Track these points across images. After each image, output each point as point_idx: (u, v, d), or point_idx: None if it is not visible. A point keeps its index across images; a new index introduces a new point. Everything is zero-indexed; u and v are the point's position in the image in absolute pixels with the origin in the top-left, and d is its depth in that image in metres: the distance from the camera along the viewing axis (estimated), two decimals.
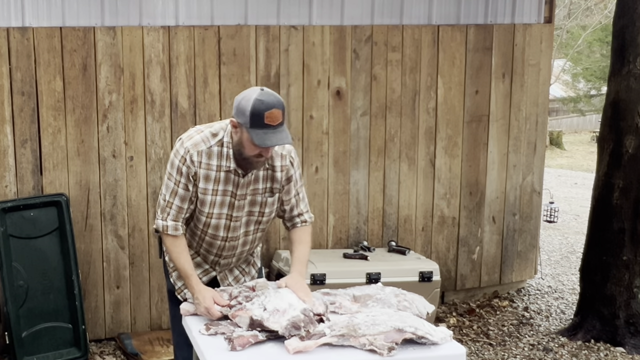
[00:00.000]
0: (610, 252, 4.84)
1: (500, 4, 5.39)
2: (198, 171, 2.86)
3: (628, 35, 4.69)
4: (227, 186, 2.90)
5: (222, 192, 2.90)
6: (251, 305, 2.71)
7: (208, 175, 2.87)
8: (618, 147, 4.77)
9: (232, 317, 2.71)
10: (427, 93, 5.22)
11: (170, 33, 4.58)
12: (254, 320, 2.63)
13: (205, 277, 3.13)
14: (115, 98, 4.53)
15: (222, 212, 2.94)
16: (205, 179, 2.88)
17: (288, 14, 4.84)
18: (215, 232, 2.99)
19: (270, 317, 2.62)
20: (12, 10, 4.31)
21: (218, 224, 2.96)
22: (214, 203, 2.91)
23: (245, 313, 2.68)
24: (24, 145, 4.40)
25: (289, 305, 2.67)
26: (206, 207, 2.92)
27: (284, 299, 2.71)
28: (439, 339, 2.58)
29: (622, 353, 4.72)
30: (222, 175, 2.88)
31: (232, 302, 2.81)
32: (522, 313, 5.48)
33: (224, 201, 2.92)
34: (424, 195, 5.33)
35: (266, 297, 2.74)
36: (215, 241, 3.01)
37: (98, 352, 4.59)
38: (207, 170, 2.87)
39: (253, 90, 2.75)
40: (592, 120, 24.74)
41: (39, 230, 4.36)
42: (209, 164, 2.86)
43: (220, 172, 2.87)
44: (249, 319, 2.65)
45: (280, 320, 2.61)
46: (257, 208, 2.98)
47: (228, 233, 2.99)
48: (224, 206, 2.93)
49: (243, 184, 2.91)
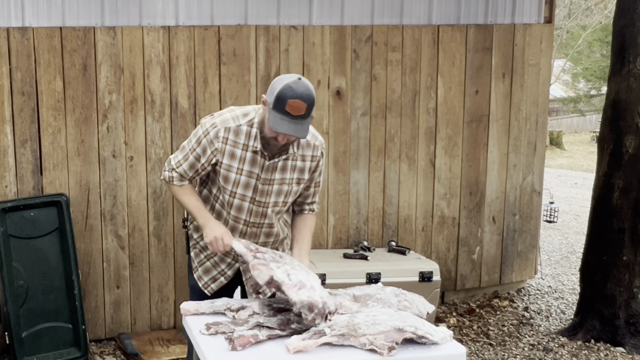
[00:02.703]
0: (610, 252, 4.84)
1: (500, 4, 5.39)
2: (224, 147, 2.91)
3: (628, 35, 4.69)
4: (253, 168, 2.93)
5: (247, 172, 2.94)
6: (276, 266, 2.71)
7: (233, 152, 2.91)
8: (618, 147, 4.77)
9: (252, 268, 2.69)
10: (427, 93, 5.22)
11: (170, 33, 4.58)
12: (274, 280, 2.63)
13: (230, 270, 3.19)
14: (115, 98, 4.53)
15: (246, 195, 2.98)
16: (231, 156, 2.92)
17: (288, 14, 4.84)
18: (238, 214, 3.03)
19: (290, 286, 2.63)
20: (12, 10, 4.31)
21: (241, 206, 3.00)
22: (238, 182, 2.95)
23: (268, 270, 2.67)
24: (24, 145, 4.40)
25: (311, 286, 2.69)
26: (229, 185, 2.97)
27: (309, 278, 2.72)
28: (439, 339, 2.58)
29: (622, 353, 4.72)
30: (249, 156, 2.92)
31: (258, 255, 2.78)
32: (522, 313, 5.48)
33: (249, 183, 2.96)
34: (424, 195, 5.33)
35: (293, 268, 2.75)
36: (237, 224, 3.06)
37: (98, 352, 4.59)
38: (233, 147, 2.91)
39: (292, 76, 2.78)
40: (592, 120, 24.74)
41: (39, 230, 4.36)
42: (235, 142, 2.90)
43: (246, 152, 2.91)
44: (269, 277, 2.65)
45: (300, 294, 2.62)
46: (282, 198, 3.02)
47: (251, 217, 3.04)
48: (249, 188, 2.97)
49: (268, 168, 2.94)
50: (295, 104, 2.68)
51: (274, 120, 2.72)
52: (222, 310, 2.86)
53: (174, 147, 4.64)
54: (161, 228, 4.72)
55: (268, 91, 2.79)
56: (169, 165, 3.08)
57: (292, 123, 2.71)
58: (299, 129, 2.73)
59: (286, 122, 2.71)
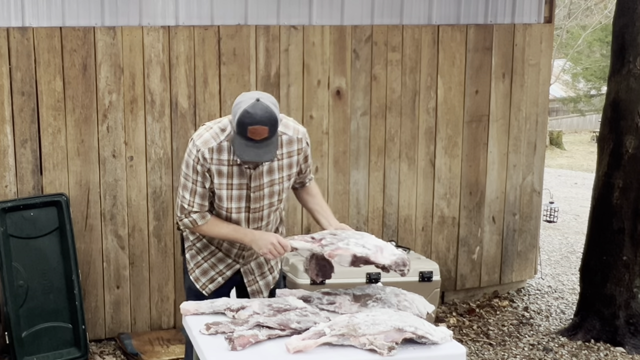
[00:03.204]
0: (610, 252, 4.84)
1: (500, 4, 5.39)
2: (211, 167, 2.91)
3: (628, 35, 4.69)
4: (242, 179, 2.96)
5: (237, 185, 2.97)
6: (346, 245, 2.72)
7: (220, 170, 2.93)
8: (618, 147, 4.77)
9: (330, 257, 2.69)
10: (427, 93, 5.22)
11: (170, 33, 4.58)
12: (359, 257, 2.65)
13: (229, 270, 3.20)
14: (115, 98, 4.53)
15: (240, 206, 3.01)
16: (219, 174, 2.93)
17: (288, 14, 4.84)
18: (236, 225, 3.05)
19: (374, 253, 2.65)
20: (12, 10, 4.31)
21: (238, 218, 3.04)
22: (231, 197, 2.98)
23: (346, 252, 2.68)
24: (24, 145, 4.40)
25: (384, 244, 2.76)
26: (224, 202, 2.99)
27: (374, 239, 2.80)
28: (439, 339, 2.58)
29: (622, 353, 4.72)
30: (235, 170, 2.94)
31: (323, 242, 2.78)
32: (522, 313, 5.48)
33: (241, 195, 2.99)
34: (424, 195, 5.33)
35: (357, 238, 2.77)
36: None
37: (98, 352, 4.59)
38: (218, 165, 2.92)
39: (250, 98, 2.75)
40: (592, 120, 24.72)
41: (39, 230, 4.36)
42: (220, 159, 2.91)
43: (232, 167, 2.93)
44: (351, 256, 2.66)
45: (386, 256, 2.69)
46: (276, 197, 3.06)
47: (249, 225, 3.06)
48: (242, 200, 3.00)
49: (256, 176, 2.97)
50: (255, 130, 2.68)
51: (239, 147, 2.74)
52: (222, 310, 2.86)
53: (174, 147, 4.65)
54: (161, 228, 4.72)
55: (232, 113, 2.80)
56: (183, 211, 3.01)
57: (257, 147, 2.72)
58: (265, 152, 2.74)
59: (251, 147, 2.72)
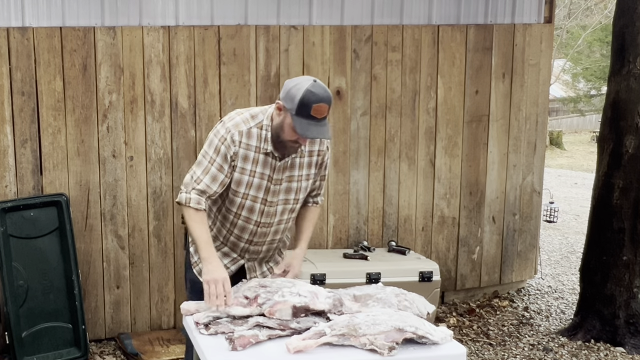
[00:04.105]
0: (610, 252, 4.84)
1: (500, 4, 5.39)
2: (238, 151, 2.91)
3: (628, 35, 4.69)
4: (265, 169, 2.96)
5: (259, 174, 2.96)
6: (282, 297, 2.72)
7: (247, 155, 2.93)
8: (618, 147, 4.78)
9: (271, 314, 2.70)
10: (427, 93, 5.22)
11: (170, 33, 4.58)
12: (298, 307, 2.66)
13: (234, 265, 3.18)
14: (115, 98, 4.53)
15: (258, 196, 2.99)
16: (244, 159, 2.93)
17: (288, 14, 4.84)
18: (249, 215, 3.03)
19: (312, 300, 2.67)
20: (12, 10, 4.31)
21: (253, 207, 3.01)
22: (251, 184, 2.97)
23: (284, 305, 2.68)
24: (24, 145, 4.40)
25: (316, 288, 2.78)
26: (242, 188, 2.97)
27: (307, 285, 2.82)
28: (439, 339, 2.58)
29: (622, 353, 4.72)
30: (261, 158, 2.94)
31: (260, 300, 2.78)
32: (522, 313, 5.48)
33: (261, 185, 2.98)
34: (424, 195, 5.33)
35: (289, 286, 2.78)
36: (248, 225, 3.06)
37: (98, 352, 4.59)
38: (246, 150, 2.92)
39: (306, 79, 2.80)
40: (592, 120, 24.74)
41: (39, 230, 4.36)
42: (248, 144, 2.92)
43: (259, 154, 2.94)
44: (291, 308, 2.66)
45: (322, 299, 2.70)
46: (293, 195, 3.05)
47: (262, 218, 3.05)
48: (261, 190, 2.99)
49: (279, 168, 2.97)
50: (320, 108, 2.74)
51: (302, 126, 2.75)
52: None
53: (174, 147, 4.65)
54: (161, 228, 4.72)
55: (284, 97, 2.81)
56: (187, 186, 2.95)
57: (319, 126, 2.77)
58: (325, 130, 2.79)
59: (313, 126, 2.76)
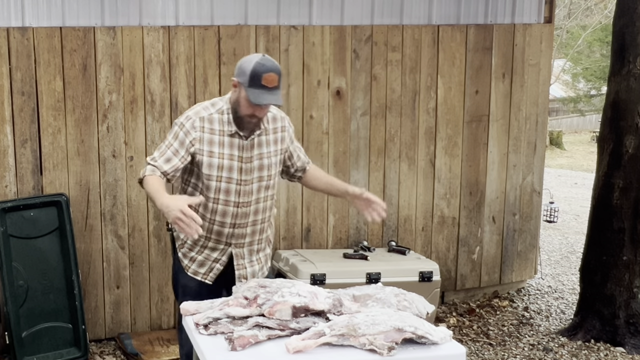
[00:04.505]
0: (610, 252, 4.84)
1: (500, 4, 5.39)
2: (202, 135, 3.09)
3: (628, 35, 4.69)
4: (233, 150, 3.13)
5: (228, 156, 3.12)
6: (281, 297, 2.72)
7: (212, 139, 3.10)
8: (618, 147, 4.78)
9: (270, 314, 2.70)
10: (427, 93, 5.22)
11: (170, 33, 4.58)
12: (298, 307, 2.66)
13: (224, 256, 3.27)
14: (115, 98, 4.53)
15: (232, 177, 3.14)
16: (210, 143, 3.10)
17: (288, 14, 4.84)
18: (226, 197, 3.16)
19: (312, 300, 2.67)
20: (12, 10, 4.31)
21: (228, 188, 3.15)
22: (222, 167, 3.12)
23: (284, 305, 2.68)
24: (24, 145, 4.40)
25: (315, 289, 2.78)
26: (214, 171, 3.12)
27: (306, 285, 2.81)
28: (439, 339, 2.58)
29: (622, 353, 4.72)
30: (227, 140, 3.12)
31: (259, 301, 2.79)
32: (522, 313, 5.48)
33: (232, 166, 3.13)
34: (424, 195, 5.33)
35: (289, 286, 2.78)
36: (227, 208, 3.17)
37: (98, 352, 4.59)
38: (210, 134, 3.10)
39: (256, 55, 3.07)
40: (592, 120, 24.73)
41: (39, 230, 4.36)
42: (211, 129, 3.11)
43: (223, 137, 3.11)
44: (290, 308, 2.66)
45: (321, 299, 2.69)
46: (266, 172, 3.21)
47: (239, 198, 3.17)
48: (233, 170, 3.13)
49: (247, 147, 3.14)
50: (270, 77, 2.96)
51: (254, 95, 2.97)
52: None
53: None
54: (161, 228, 4.71)
55: (237, 73, 3.04)
56: (145, 165, 3.13)
57: (270, 94, 2.98)
58: (277, 98, 3.00)
59: (265, 94, 2.97)
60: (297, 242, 5.05)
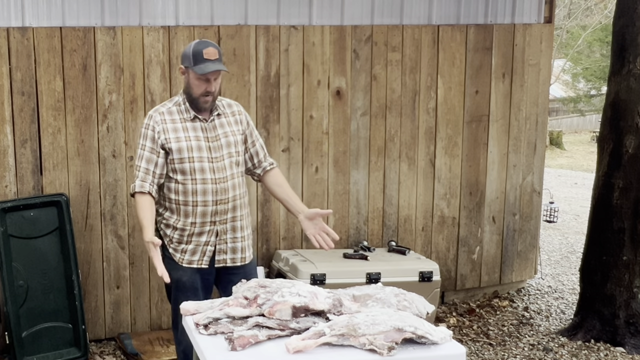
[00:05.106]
0: (610, 252, 4.84)
1: (500, 4, 5.39)
2: (165, 126, 3.35)
3: (628, 35, 4.69)
4: (197, 132, 3.38)
5: (194, 137, 3.36)
6: (281, 297, 2.72)
7: (175, 127, 3.37)
8: (618, 147, 4.78)
9: (270, 314, 2.70)
10: (427, 93, 5.22)
11: (170, 33, 4.58)
12: (298, 307, 2.65)
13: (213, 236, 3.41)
14: (115, 98, 4.53)
15: (202, 156, 3.35)
16: (174, 130, 3.36)
17: (288, 14, 4.84)
18: (202, 175, 3.35)
19: (312, 300, 2.67)
20: (12, 10, 4.31)
21: (202, 167, 3.35)
22: (191, 148, 3.35)
23: (284, 305, 2.68)
24: (24, 145, 4.40)
25: (315, 288, 2.78)
26: (185, 153, 3.34)
27: (306, 285, 2.81)
28: (439, 339, 2.58)
29: (622, 353, 4.72)
30: (189, 125, 3.38)
31: (259, 301, 2.80)
32: (522, 313, 5.49)
33: (200, 145, 3.36)
34: (424, 195, 5.33)
35: (289, 286, 2.77)
36: (206, 186, 3.35)
37: (98, 352, 4.59)
38: (172, 124, 3.37)
39: (192, 41, 3.41)
40: (592, 120, 24.74)
41: (39, 230, 4.36)
42: (172, 119, 3.38)
43: (185, 123, 3.37)
44: (290, 308, 2.66)
45: (321, 299, 2.69)
46: (233, 148, 3.43)
47: (215, 174, 3.37)
48: (202, 150, 3.36)
49: (210, 128, 3.40)
50: (209, 51, 3.27)
51: (200, 69, 3.25)
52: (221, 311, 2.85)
53: None
54: None
55: (182, 61, 3.34)
56: (134, 178, 3.39)
57: (214, 64, 3.27)
58: (221, 66, 3.29)
59: (209, 64, 3.26)
60: (297, 242, 5.05)
